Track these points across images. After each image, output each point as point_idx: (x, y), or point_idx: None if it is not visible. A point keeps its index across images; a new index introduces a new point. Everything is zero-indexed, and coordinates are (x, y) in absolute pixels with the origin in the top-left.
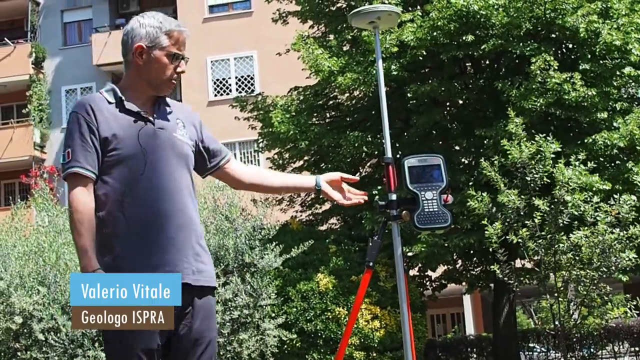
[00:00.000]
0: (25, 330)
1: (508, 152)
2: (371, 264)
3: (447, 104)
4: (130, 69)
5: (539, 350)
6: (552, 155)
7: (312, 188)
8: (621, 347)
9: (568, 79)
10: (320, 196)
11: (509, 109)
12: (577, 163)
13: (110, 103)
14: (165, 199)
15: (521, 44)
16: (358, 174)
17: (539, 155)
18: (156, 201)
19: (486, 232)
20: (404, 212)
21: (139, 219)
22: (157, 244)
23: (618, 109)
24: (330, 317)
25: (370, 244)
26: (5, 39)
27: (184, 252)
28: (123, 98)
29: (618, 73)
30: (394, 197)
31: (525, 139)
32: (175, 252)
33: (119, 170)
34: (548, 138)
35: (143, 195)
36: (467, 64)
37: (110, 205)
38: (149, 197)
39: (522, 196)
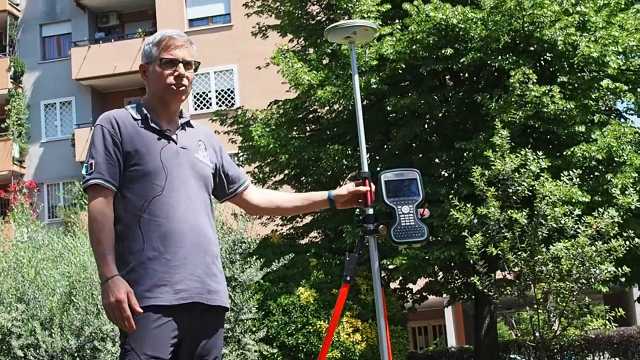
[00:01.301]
0: (4, 347)
1: (492, 163)
2: (348, 278)
3: (427, 116)
4: (146, 89)
5: None
6: (538, 170)
7: (325, 200)
8: (602, 357)
9: (547, 92)
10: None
11: (496, 120)
12: (565, 179)
13: (135, 119)
14: (182, 218)
15: (500, 57)
16: (338, 187)
17: (524, 169)
18: (173, 219)
19: (467, 243)
20: (380, 226)
21: (154, 235)
22: (170, 261)
23: (596, 121)
24: (311, 330)
25: (348, 259)
26: None
27: (195, 271)
28: (148, 115)
29: (596, 85)
30: (370, 211)
31: (508, 151)
32: (187, 271)
33: (139, 186)
34: (537, 153)
35: (160, 212)
36: (447, 77)
37: (127, 219)
38: (166, 215)
39: (504, 208)
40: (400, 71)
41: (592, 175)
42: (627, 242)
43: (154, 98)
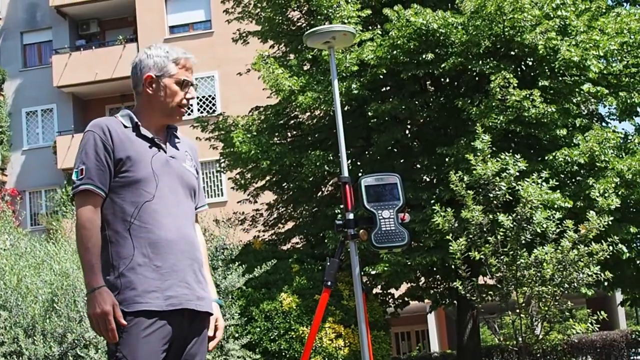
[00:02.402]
0: None
1: (473, 168)
2: (329, 283)
3: (408, 122)
4: (141, 99)
5: None
6: (517, 173)
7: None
8: None
9: (528, 96)
10: None
11: (477, 124)
12: (539, 181)
13: (126, 127)
14: (171, 225)
15: (481, 62)
16: (320, 192)
17: (504, 173)
18: (163, 226)
19: (450, 247)
20: (361, 231)
21: (144, 242)
22: (160, 268)
23: (578, 125)
24: (294, 336)
25: (328, 264)
26: None
27: (185, 278)
28: (139, 123)
29: (577, 90)
30: (351, 216)
31: (489, 155)
32: (177, 278)
33: (129, 192)
34: (516, 156)
35: (150, 219)
36: (428, 82)
37: (117, 225)
38: (156, 222)
39: (485, 213)
40: (381, 76)
41: (573, 180)
42: (610, 247)
43: (153, 111)
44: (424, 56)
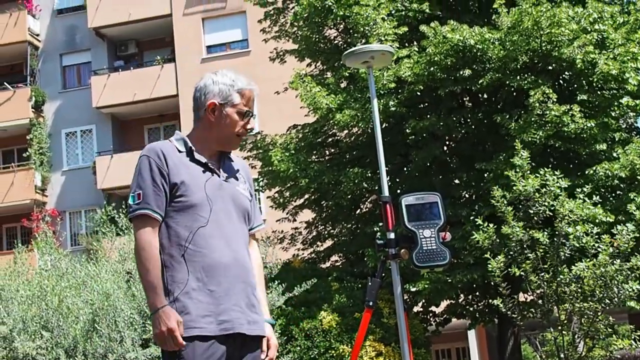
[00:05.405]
0: None
1: (513, 184)
2: (371, 303)
3: (446, 138)
4: (200, 123)
5: None
6: (558, 190)
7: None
8: None
9: (567, 111)
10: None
11: (517, 141)
12: (581, 195)
13: (180, 152)
14: (225, 250)
15: (518, 77)
16: (358, 210)
17: (544, 189)
18: (217, 250)
19: (489, 265)
20: (402, 250)
21: (199, 266)
22: (215, 292)
23: (617, 139)
24: (334, 355)
25: (370, 284)
26: (5, 83)
27: (239, 302)
28: (193, 148)
29: (616, 103)
30: (392, 235)
31: (529, 171)
32: (231, 302)
33: (184, 217)
34: (556, 173)
35: (205, 243)
36: (465, 98)
37: (172, 249)
38: (211, 246)
39: (525, 229)
40: (419, 93)
41: (614, 195)
42: None
43: (211, 137)
44: (461, 72)
